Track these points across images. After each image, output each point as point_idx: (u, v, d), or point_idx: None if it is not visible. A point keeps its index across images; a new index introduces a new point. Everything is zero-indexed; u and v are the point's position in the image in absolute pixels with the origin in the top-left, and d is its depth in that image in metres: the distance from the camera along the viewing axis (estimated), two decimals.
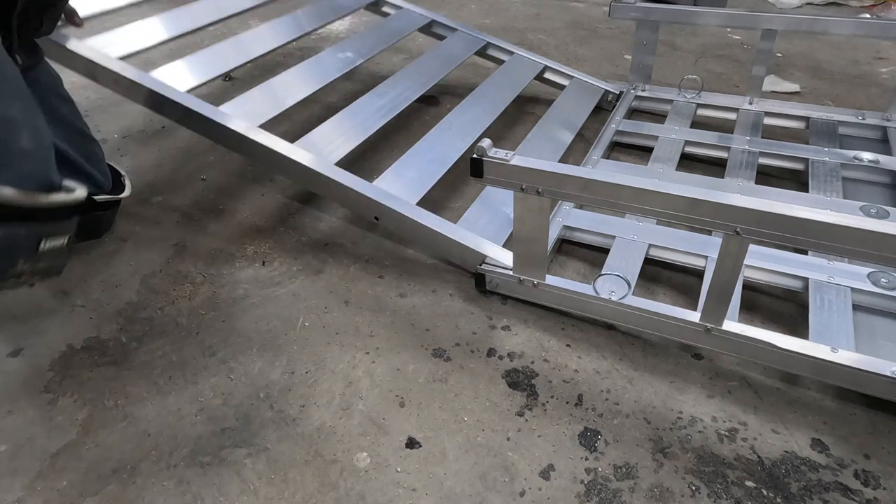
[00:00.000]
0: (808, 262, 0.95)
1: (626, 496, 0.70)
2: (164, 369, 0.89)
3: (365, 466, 0.75)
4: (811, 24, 1.29)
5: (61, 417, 0.83)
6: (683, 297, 0.97)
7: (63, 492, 0.74)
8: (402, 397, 0.84)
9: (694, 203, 0.73)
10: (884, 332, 0.86)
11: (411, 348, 0.91)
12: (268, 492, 0.73)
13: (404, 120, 1.55)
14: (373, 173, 1.35)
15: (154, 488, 0.74)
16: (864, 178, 1.19)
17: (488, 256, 0.98)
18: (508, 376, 0.86)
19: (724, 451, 0.75)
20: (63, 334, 0.96)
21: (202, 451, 0.78)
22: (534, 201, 0.83)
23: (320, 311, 0.98)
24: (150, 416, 0.82)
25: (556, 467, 0.74)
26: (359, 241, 1.13)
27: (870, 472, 0.72)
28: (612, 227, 1.06)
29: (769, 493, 0.70)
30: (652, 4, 1.43)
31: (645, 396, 0.82)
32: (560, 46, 1.93)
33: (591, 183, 0.78)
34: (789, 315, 0.93)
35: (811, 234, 0.68)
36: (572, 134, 1.33)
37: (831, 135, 1.29)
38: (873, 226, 0.65)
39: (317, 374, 0.88)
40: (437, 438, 0.78)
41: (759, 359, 0.81)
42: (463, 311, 0.97)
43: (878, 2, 2.24)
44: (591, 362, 0.87)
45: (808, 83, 1.66)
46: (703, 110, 1.45)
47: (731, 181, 1.17)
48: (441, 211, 1.20)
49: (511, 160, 0.82)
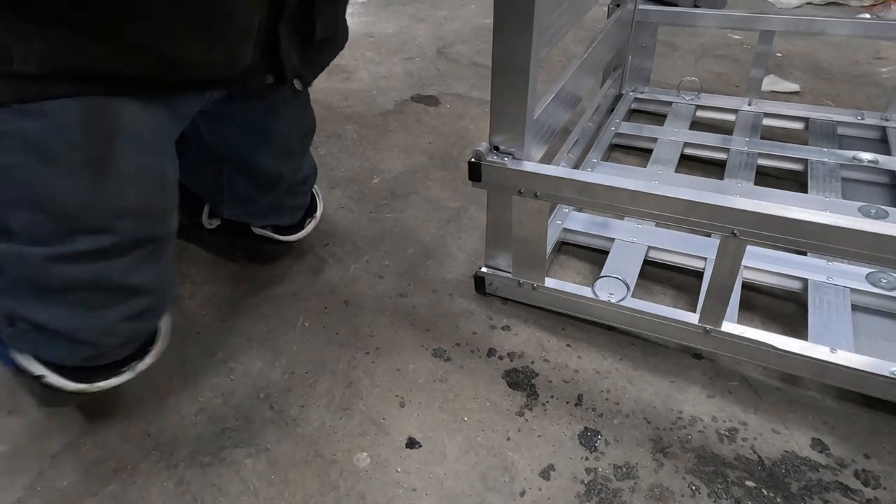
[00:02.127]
0: (806, 263, 0.95)
1: (626, 496, 0.71)
2: (164, 369, 0.89)
3: (365, 466, 0.75)
4: (810, 25, 1.29)
5: (61, 417, 0.83)
6: (684, 297, 0.97)
7: (63, 492, 0.74)
8: (402, 397, 0.84)
9: (691, 205, 0.73)
10: (883, 333, 0.86)
11: (411, 348, 0.91)
12: (268, 492, 0.73)
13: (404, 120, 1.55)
14: (372, 173, 1.35)
15: (154, 488, 0.74)
16: (864, 178, 1.19)
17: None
18: (508, 376, 0.86)
19: (725, 451, 0.75)
20: None
21: (202, 451, 0.78)
22: (532, 205, 0.84)
23: (320, 311, 0.99)
24: (150, 416, 0.83)
25: (556, 467, 0.74)
26: (359, 241, 1.14)
27: (870, 471, 0.72)
28: (611, 230, 1.06)
29: (769, 493, 0.70)
30: (650, 6, 1.44)
31: (645, 396, 0.82)
32: (560, 45, 1.93)
33: (589, 186, 0.78)
34: (788, 316, 0.93)
35: (808, 235, 0.68)
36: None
37: (830, 135, 1.30)
38: (871, 227, 0.65)
39: (317, 374, 0.88)
40: (437, 438, 0.78)
41: (759, 360, 0.81)
42: (463, 311, 0.97)
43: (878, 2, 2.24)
44: (591, 362, 0.88)
45: (807, 83, 1.66)
46: (703, 112, 1.45)
47: (731, 182, 1.17)
48: (439, 210, 1.21)
49: (508, 164, 0.82)
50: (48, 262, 0.60)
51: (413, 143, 1.46)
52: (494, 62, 0.77)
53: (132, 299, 0.66)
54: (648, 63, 1.50)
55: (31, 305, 0.63)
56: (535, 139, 0.88)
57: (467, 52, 1.96)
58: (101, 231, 0.61)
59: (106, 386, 0.71)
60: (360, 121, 1.56)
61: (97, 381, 0.70)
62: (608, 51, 1.30)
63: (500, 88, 0.79)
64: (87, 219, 0.61)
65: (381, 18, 2.31)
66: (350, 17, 0.89)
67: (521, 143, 0.83)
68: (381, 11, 2.38)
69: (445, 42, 2.06)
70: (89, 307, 0.64)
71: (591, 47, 1.14)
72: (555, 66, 1.81)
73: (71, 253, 0.60)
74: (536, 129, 0.88)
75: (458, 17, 2.31)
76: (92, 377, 0.70)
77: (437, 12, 2.36)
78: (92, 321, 0.64)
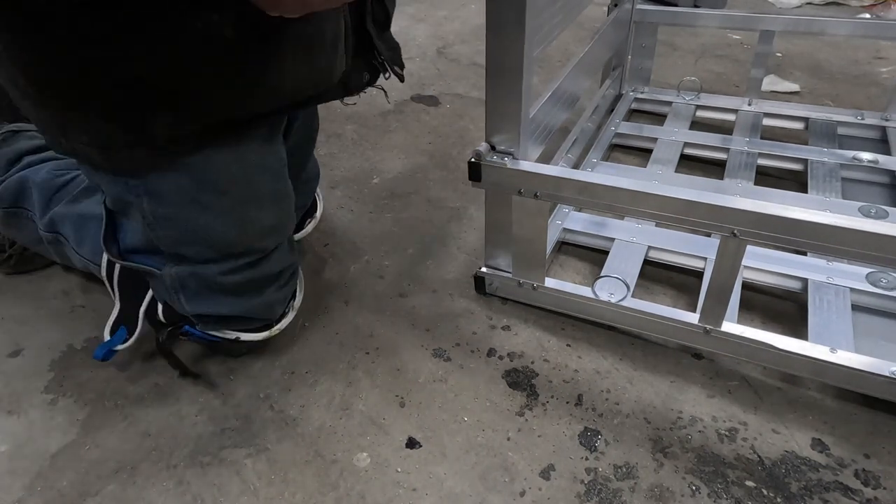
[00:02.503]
0: (806, 263, 0.95)
1: (626, 496, 0.71)
2: (165, 369, 0.89)
3: (365, 466, 0.75)
4: (810, 25, 1.29)
5: (61, 417, 0.83)
6: (684, 297, 0.97)
7: (63, 492, 0.74)
8: (402, 397, 0.84)
9: (691, 205, 0.73)
10: (883, 333, 0.86)
11: (411, 348, 0.91)
12: (268, 492, 0.73)
13: (404, 120, 1.55)
14: (372, 173, 1.35)
15: (154, 488, 0.74)
16: (864, 178, 1.19)
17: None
18: (508, 376, 0.86)
19: (725, 451, 0.75)
20: (63, 334, 0.96)
21: (202, 451, 0.78)
22: (532, 205, 0.84)
23: (320, 310, 0.99)
24: (150, 416, 0.83)
25: (556, 467, 0.74)
26: (359, 242, 1.14)
27: (870, 471, 0.72)
28: (611, 230, 1.06)
29: (769, 493, 0.70)
30: (649, 6, 1.44)
31: (645, 396, 0.82)
32: (560, 46, 1.94)
33: (590, 186, 0.78)
34: (788, 316, 0.93)
35: (808, 235, 0.68)
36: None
37: (830, 135, 1.30)
38: (870, 227, 0.65)
39: (317, 374, 0.88)
40: (437, 438, 0.78)
41: (759, 360, 0.81)
42: (463, 311, 0.97)
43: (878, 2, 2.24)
44: (591, 362, 0.88)
45: (807, 83, 1.66)
46: (703, 112, 1.45)
47: (731, 182, 1.17)
48: (439, 210, 1.21)
49: (508, 164, 0.82)
50: (218, 276, 0.78)
51: (413, 143, 1.45)
52: (488, 61, 0.77)
53: (279, 279, 0.84)
54: (648, 63, 1.50)
55: (213, 303, 0.80)
56: (532, 138, 0.88)
57: (467, 52, 1.96)
58: (252, 251, 0.79)
59: (283, 325, 0.88)
60: (360, 121, 1.56)
61: (274, 326, 0.87)
62: (606, 50, 1.30)
63: (494, 87, 0.79)
64: (241, 245, 0.77)
65: None
66: None
67: (517, 143, 0.83)
68: None
69: (445, 42, 2.06)
70: (254, 294, 0.82)
71: (588, 47, 1.14)
72: (554, 66, 1.81)
73: (233, 268, 0.78)
74: (532, 129, 0.88)
75: (458, 17, 2.31)
76: (269, 324, 0.86)
77: (437, 12, 2.36)
78: (257, 302, 0.82)
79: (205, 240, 0.75)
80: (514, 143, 0.83)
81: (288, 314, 0.89)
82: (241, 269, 0.79)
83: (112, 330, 0.85)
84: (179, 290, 0.79)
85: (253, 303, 0.82)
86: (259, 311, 0.83)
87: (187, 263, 0.78)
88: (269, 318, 0.85)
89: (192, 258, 0.77)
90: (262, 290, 0.82)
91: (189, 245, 0.76)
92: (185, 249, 0.77)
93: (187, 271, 0.78)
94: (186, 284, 0.79)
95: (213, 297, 0.80)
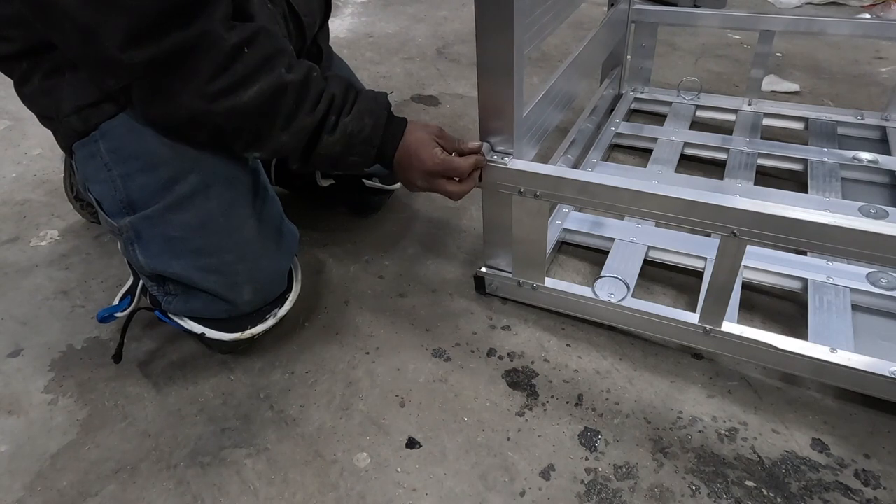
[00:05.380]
0: (806, 263, 0.95)
1: (626, 496, 0.71)
2: (164, 369, 0.89)
3: (365, 466, 0.75)
4: (810, 25, 1.29)
5: (61, 417, 0.83)
6: (684, 297, 0.97)
7: (63, 492, 0.74)
8: (402, 397, 0.84)
9: (690, 205, 0.73)
10: (883, 333, 0.86)
11: (411, 348, 0.91)
12: (268, 492, 0.73)
13: None
14: None
15: (154, 488, 0.74)
16: (864, 178, 1.19)
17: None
18: (508, 376, 0.86)
19: (725, 451, 0.75)
20: (63, 334, 0.96)
21: (202, 451, 0.78)
22: (532, 204, 0.84)
23: (320, 310, 0.99)
24: (150, 416, 0.83)
25: (556, 467, 0.74)
26: (359, 241, 1.14)
27: (870, 471, 0.72)
28: (611, 230, 1.06)
29: (769, 493, 0.70)
30: (649, 6, 1.44)
31: (645, 396, 0.82)
32: (560, 46, 1.94)
33: (590, 185, 0.78)
34: (788, 316, 0.93)
35: (808, 235, 0.68)
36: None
37: (830, 135, 1.29)
38: (870, 226, 0.65)
39: (317, 374, 0.88)
40: (437, 438, 0.78)
41: (759, 359, 0.81)
42: (463, 311, 0.97)
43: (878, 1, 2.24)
44: (591, 362, 0.88)
45: (807, 83, 1.66)
46: (703, 112, 1.45)
47: (731, 182, 1.17)
48: (439, 210, 1.21)
49: (508, 164, 0.82)
50: (166, 213, 0.76)
51: None
52: (479, 61, 0.77)
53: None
54: (648, 63, 1.50)
55: (166, 259, 0.78)
56: (526, 138, 0.88)
57: (467, 52, 1.96)
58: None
59: (256, 332, 0.84)
60: None
61: (248, 329, 0.83)
62: (602, 50, 1.30)
63: (486, 87, 0.79)
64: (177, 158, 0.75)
65: (381, 18, 2.31)
66: (350, 17, 0.89)
67: (511, 142, 0.82)
68: (380, 11, 2.38)
69: (445, 42, 2.06)
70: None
71: (583, 47, 1.14)
72: (555, 66, 1.81)
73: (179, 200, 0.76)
74: (527, 128, 0.87)
75: (458, 17, 2.31)
76: (243, 326, 0.83)
77: (437, 12, 2.36)
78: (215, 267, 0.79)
79: (149, 158, 0.74)
80: (507, 143, 0.83)
81: (273, 313, 0.86)
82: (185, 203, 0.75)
83: (122, 297, 0.89)
84: (134, 240, 0.77)
85: (210, 265, 0.78)
86: (220, 285, 0.79)
87: (139, 209, 0.76)
88: (232, 300, 0.81)
89: (140, 203, 0.75)
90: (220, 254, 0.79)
91: (139, 174, 0.74)
92: (138, 178, 0.74)
93: (139, 217, 0.76)
94: (140, 233, 0.77)
95: (166, 248, 0.77)
